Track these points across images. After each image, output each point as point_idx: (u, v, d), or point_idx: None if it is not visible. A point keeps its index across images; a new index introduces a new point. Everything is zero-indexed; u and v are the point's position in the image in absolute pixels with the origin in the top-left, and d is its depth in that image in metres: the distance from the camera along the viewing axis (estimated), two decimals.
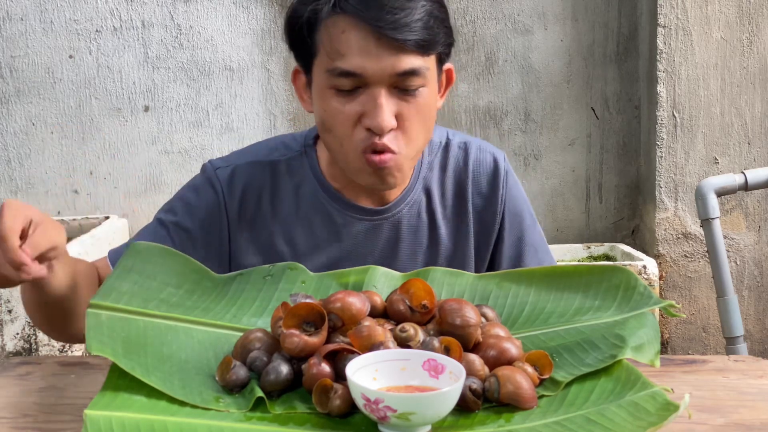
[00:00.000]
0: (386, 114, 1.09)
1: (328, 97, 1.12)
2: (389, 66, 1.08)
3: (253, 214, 1.25)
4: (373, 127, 1.10)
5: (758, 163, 2.82)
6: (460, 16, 2.98)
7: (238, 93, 2.98)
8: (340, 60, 1.09)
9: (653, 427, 0.79)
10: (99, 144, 2.99)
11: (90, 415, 0.82)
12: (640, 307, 1.03)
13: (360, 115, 1.11)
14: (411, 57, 1.09)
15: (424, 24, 1.08)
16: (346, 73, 1.09)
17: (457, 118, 3.01)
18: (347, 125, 1.12)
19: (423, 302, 1.00)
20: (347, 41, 1.08)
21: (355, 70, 1.08)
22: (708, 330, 2.90)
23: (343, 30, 1.08)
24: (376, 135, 1.11)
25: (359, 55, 1.08)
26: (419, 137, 1.15)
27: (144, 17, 2.94)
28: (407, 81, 1.10)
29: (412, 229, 1.27)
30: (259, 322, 1.04)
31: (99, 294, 0.99)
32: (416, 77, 1.10)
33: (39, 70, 2.95)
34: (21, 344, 2.47)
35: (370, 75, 1.09)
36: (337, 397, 0.86)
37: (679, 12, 2.75)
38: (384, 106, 1.09)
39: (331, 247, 1.24)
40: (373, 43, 1.07)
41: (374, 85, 1.09)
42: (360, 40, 1.08)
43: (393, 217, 1.26)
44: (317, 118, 1.17)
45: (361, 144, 1.12)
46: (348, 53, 1.08)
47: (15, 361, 1.12)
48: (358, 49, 1.08)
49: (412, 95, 1.11)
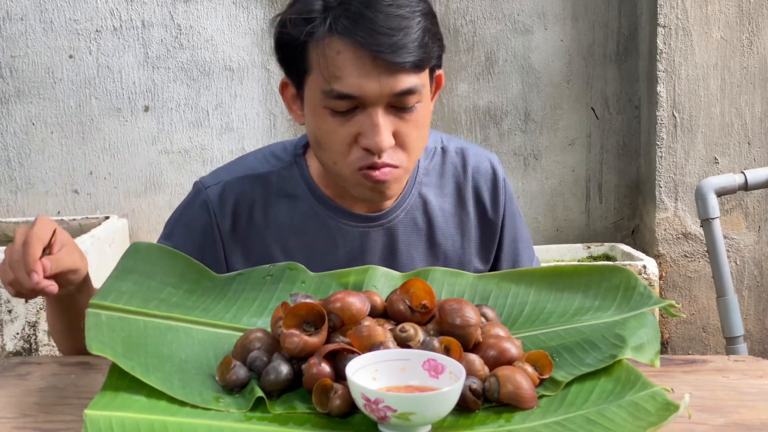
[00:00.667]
0: (384, 134, 1.08)
1: (323, 116, 1.10)
2: (387, 87, 1.07)
3: (246, 228, 1.24)
4: (371, 148, 1.09)
5: (758, 163, 2.82)
6: (460, 16, 2.98)
7: (238, 93, 2.98)
8: (336, 82, 1.07)
9: (653, 427, 0.79)
10: (99, 144, 2.99)
11: (90, 415, 0.82)
12: (640, 307, 1.03)
13: (356, 135, 1.10)
14: (408, 76, 1.07)
15: (420, 43, 1.07)
16: (342, 95, 1.07)
17: (457, 118, 3.01)
18: (343, 145, 1.11)
19: (423, 302, 1.00)
20: (343, 63, 1.06)
21: (352, 92, 1.07)
22: (708, 330, 2.90)
23: (338, 51, 1.06)
24: (374, 154, 1.09)
25: (356, 78, 1.06)
26: (417, 149, 1.14)
27: (144, 17, 2.94)
28: (404, 100, 1.09)
29: (409, 235, 1.26)
30: (259, 322, 1.04)
31: (99, 294, 0.99)
32: (413, 95, 1.09)
33: (39, 70, 2.95)
34: (21, 344, 2.47)
35: (368, 97, 1.07)
36: (337, 397, 0.86)
37: (679, 12, 2.75)
38: (381, 126, 1.08)
39: (327, 255, 1.24)
40: (369, 65, 1.05)
41: (371, 105, 1.08)
42: (357, 62, 1.06)
43: (389, 223, 1.25)
44: (310, 135, 1.16)
45: (357, 163, 1.11)
46: (344, 76, 1.06)
47: (15, 361, 1.12)
48: (355, 71, 1.06)
49: (409, 112, 1.10)
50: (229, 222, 1.23)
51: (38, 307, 2.46)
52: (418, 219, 1.27)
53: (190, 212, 1.26)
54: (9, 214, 3.01)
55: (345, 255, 1.24)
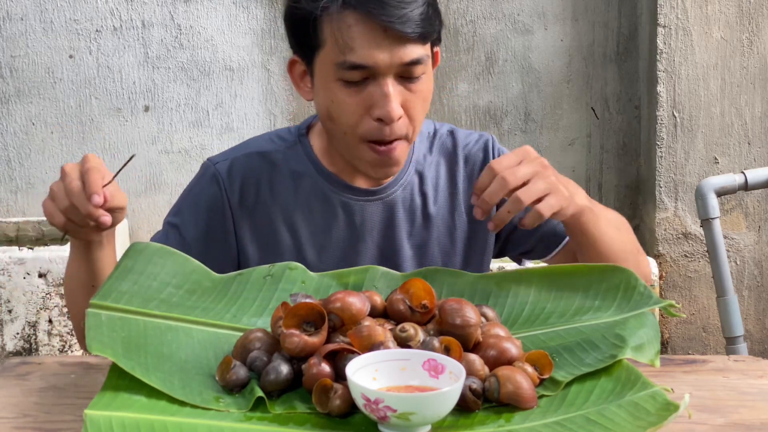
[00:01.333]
0: (394, 104, 1.15)
1: (335, 88, 1.17)
2: (397, 57, 1.14)
3: (254, 203, 1.29)
4: (384, 116, 1.15)
5: (758, 163, 2.82)
6: (460, 16, 2.98)
7: (238, 93, 2.98)
8: (350, 54, 1.14)
9: (653, 427, 0.79)
10: (99, 144, 2.99)
11: (90, 415, 0.82)
12: (640, 306, 1.03)
13: (368, 106, 1.16)
14: (415, 47, 1.15)
15: (425, 16, 1.15)
16: (356, 66, 1.14)
17: (457, 118, 3.01)
18: (355, 116, 1.17)
19: (423, 302, 1.00)
20: (357, 35, 1.13)
21: (366, 62, 1.14)
22: (708, 330, 2.90)
23: (351, 25, 1.13)
24: (386, 125, 1.16)
25: (369, 48, 1.13)
26: (419, 121, 1.22)
27: (144, 17, 2.94)
28: (412, 70, 1.16)
29: (407, 210, 1.31)
30: (259, 322, 1.04)
31: (99, 294, 0.99)
32: (419, 65, 1.16)
33: (39, 70, 2.95)
34: (21, 344, 2.47)
35: (380, 66, 1.14)
36: (337, 397, 0.86)
37: (679, 12, 2.75)
38: (392, 95, 1.15)
39: (330, 229, 1.29)
40: (381, 36, 1.13)
41: (382, 76, 1.15)
42: (369, 34, 1.13)
43: (388, 197, 1.30)
44: (321, 108, 1.22)
45: (368, 135, 1.18)
46: (357, 47, 1.13)
47: (15, 361, 1.12)
48: (367, 42, 1.13)
49: (415, 82, 1.17)
50: (238, 195, 1.28)
51: (38, 307, 2.47)
52: (414, 196, 1.32)
53: (199, 188, 1.31)
54: (9, 214, 3.01)
55: (346, 228, 1.29)
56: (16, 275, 2.47)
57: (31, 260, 2.47)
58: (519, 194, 1.07)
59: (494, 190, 1.08)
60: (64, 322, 2.51)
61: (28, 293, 2.47)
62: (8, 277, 2.47)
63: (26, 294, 2.47)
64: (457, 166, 1.35)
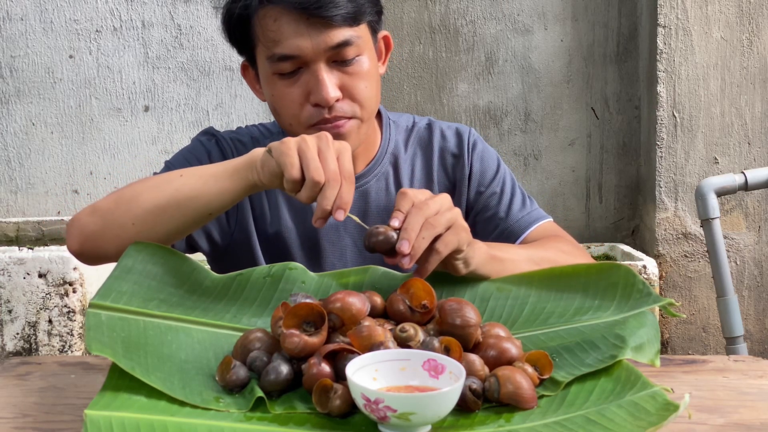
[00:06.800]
0: (329, 87, 1.18)
1: (274, 82, 1.22)
2: (322, 42, 1.17)
3: None
4: (320, 101, 1.18)
5: (758, 163, 2.82)
6: (460, 16, 2.98)
7: (238, 93, 2.98)
8: (276, 47, 1.18)
9: (653, 427, 0.79)
10: (99, 144, 2.99)
11: (90, 415, 0.82)
12: (640, 305, 1.03)
13: (305, 94, 1.20)
14: (341, 30, 1.17)
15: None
16: (284, 57, 1.18)
17: (457, 118, 3.01)
18: (295, 106, 1.21)
19: (423, 302, 1.00)
20: (280, 28, 1.17)
21: (292, 52, 1.17)
22: (708, 330, 2.90)
23: (274, 19, 1.17)
24: (324, 109, 1.19)
25: (293, 38, 1.17)
26: (369, 101, 1.22)
27: (144, 17, 2.94)
28: (342, 52, 1.18)
29: (381, 199, 1.34)
30: (259, 322, 1.04)
31: (99, 294, 0.99)
32: (350, 47, 1.19)
33: (39, 70, 2.95)
34: (21, 344, 2.47)
35: (307, 53, 1.17)
36: (337, 397, 0.86)
37: (679, 12, 2.75)
38: (326, 79, 1.18)
39: (310, 215, 1.31)
40: (303, 24, 1.16)
41: (313, 62, 1.18)
42: (291, 24, 1.17)
43: (362, 186, 1.33)
44: (269, 104, 1.26)
45: (310, 120, 1.20)
46: (282, 39, 1.17)
47: (15, 361, 1.12)
48: (290, 32, 1.17)
49: (350, 65, 1.20)
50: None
51: (38, 308, 2.46)
52: (389, 186, 1.35)
53: (200, 147, 1.35)
54: (9, 214, 3.01)
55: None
56: (16, 275, 2.47)
57: (31, 260, 2.47)
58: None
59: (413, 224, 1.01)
60: (64, 322, 2.51)
61: (28, 293, 2.47)
62: (8, 277, 2.47)
63: (26, 294, 2.47)
64: (433, 157, 1.37)
